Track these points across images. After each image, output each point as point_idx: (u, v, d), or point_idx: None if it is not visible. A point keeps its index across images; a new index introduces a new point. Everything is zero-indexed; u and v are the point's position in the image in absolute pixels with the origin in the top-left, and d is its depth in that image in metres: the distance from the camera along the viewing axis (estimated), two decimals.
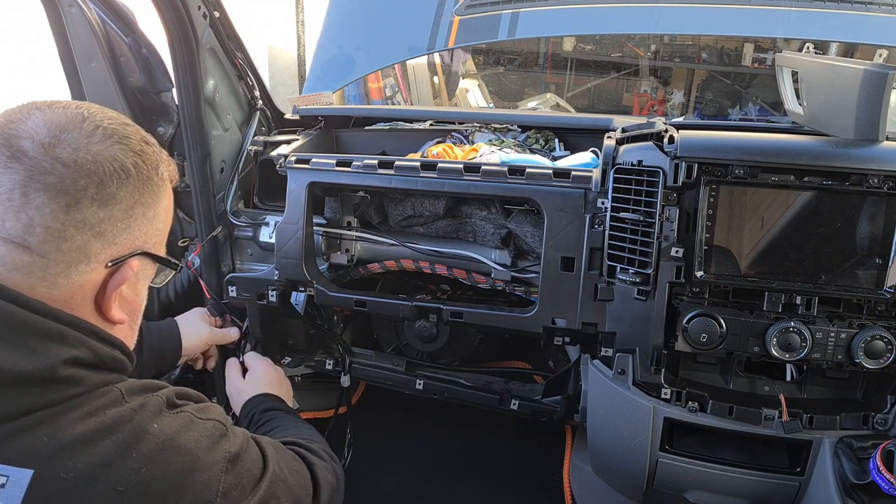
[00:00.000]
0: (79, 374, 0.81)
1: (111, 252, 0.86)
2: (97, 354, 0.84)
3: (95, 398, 0.82)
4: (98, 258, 0.84)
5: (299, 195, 1.72)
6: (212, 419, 0.91)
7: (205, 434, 0.88)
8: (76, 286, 0.84)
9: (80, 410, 0.79)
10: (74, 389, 0.80)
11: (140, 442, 0.81)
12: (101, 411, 0.81)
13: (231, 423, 0.96)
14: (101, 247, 0.84)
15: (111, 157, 0.83)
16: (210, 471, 0.85)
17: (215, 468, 0.86)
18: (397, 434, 2.39)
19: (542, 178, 1.56)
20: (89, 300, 0.87)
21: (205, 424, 0.89)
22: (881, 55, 2.80)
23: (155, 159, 0.90)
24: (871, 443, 1.33)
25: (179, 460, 0.83)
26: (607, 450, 1.59)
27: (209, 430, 0.89)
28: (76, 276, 0.83)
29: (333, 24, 2.86)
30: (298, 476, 1.07)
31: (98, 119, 0.85)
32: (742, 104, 4.93)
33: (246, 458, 0.93)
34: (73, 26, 1.67)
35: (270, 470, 0.96)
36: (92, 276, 0.85)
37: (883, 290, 1.31)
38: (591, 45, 5.22)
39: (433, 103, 4.32)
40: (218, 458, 0.87)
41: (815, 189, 1.31)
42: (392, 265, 1.82)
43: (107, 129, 0.85)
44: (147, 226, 0.90)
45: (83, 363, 0.82)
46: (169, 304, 1.98)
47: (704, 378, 1.52)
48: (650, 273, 1.40)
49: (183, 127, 1.71)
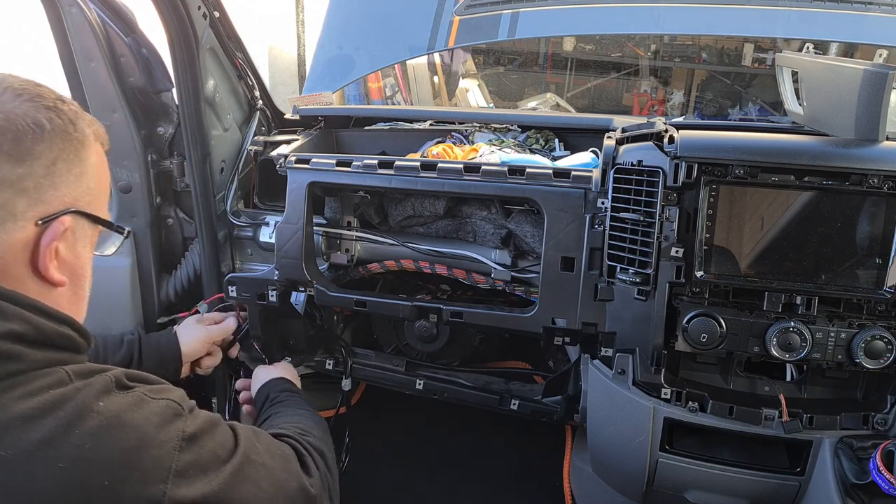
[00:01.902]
0: (16, 350, 0.80)
1: (40, 210, 0.86)
2: (39, 330, 0.83)
3: (38, 378, 0.80)
4: (25, 216, 0.85)
5: (299, 195, 1.72)
6: (165, 399, 0.89)
7: (155, 412, 0.86)
8: (6, 246, 0.84)
9: (20, 389, 0.78)
10: (14, 366, 0.79)
11: (84, 419, 0.79)
12: (43, 391, 0.79)
13: (192, 405, 0.93)
14: (26, 204, 0.84)
15: (23, 114, 0.84)
16: (161, 448, 0.83)
17: (166, 446, 0.84)
18: (397, 434, 2.38)
19: (542, 178, 1.56)
20: (23, 261, 0.86)
21: (157, 403, 0.87)
22: (881, 55, 2.80)
23: (72, 115, 0.90)
24: (871, 443, 1.33)
25: (126, 437, 0.81)
26: (607, 450, 1.59)
27: (160, 409, 0.87)
28: (4, 234, 0.83)
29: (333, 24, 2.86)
30: (283, 460, 1.05)
31: (8, 82, 0.87)
32: (742, 104, 4.94)
33: (208, 439, 0.90)
34: (73, 26, 1.67)
35: (240, 453, 0.94)
36: (21, 234, 0.85)
37: (883, 289, 1.31)
38: (591, 45, 5.23)
39: (433, 103, 4.32)
40: (171, 436, 0.85)
41: (816, 189, 1.31)
42: (392, 265, 1.82)
43: (17, 90, 0.86)
44: (75, 183, 0.90)
45: (23, 339, 0.81)
46: (169, 303, 1.98)
47: (704, 378, 1.52)
48: (650, 273, 1.40)
49: (183, 127, 1.71)
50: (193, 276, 1.92)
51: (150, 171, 1.84)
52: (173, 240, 1.96)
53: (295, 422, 1.29)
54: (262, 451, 1.00)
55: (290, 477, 1.04)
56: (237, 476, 0.91)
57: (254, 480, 0.94)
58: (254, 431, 1.03)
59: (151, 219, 1.88)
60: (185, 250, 1.96)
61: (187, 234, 1.95)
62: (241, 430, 0.99)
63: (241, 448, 0.95)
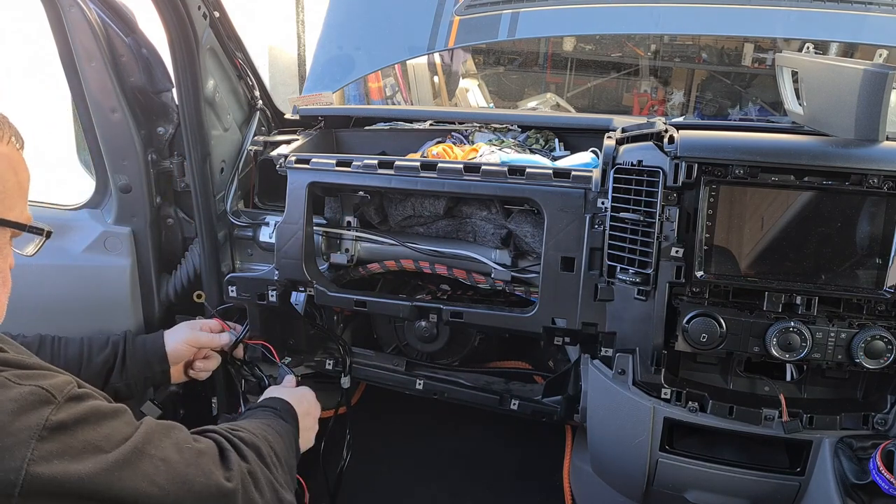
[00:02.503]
0: None
1: None
2: None
3: None
4: None
5: (299, 195, 1.72)
6: (31, 385, 0.84)
7: (13, 398, 0.82)
8: None
9: None
10: None
11: None
12: None
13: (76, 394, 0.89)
14: None
15: None
16: (14, 437, 0.80)
17: (22, 434, 0.80)
18: (397, 434, 2.38)
19: (542, 178, 1.56)
20: None
21: (19, 389, 0.83)
22: (881, 55, 2.80)
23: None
24: (871, 443, 1.33)
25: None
26: (607, 450, 1.59)
27: (21, 395, 0.82)
28: None
29: (333, 24, 2.86)
30: (195, 455, 1.00)
31: None
32: (742, 104, 4.94)
33: (84, 429, 0.86)
34: (73, 26, 1.67)
35: (130, 445, 0.90)
36: None
37: (883, 290, 1.31)
38: (591, 45, 5.23)
39: (433, 103, 4.32)
40: (30, 424, 0.81)
41: (815, 189, 1.31)
42: (392, 265, 1.82)
43: None
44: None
45: None
46: (169, 304, 1.98)
47: (704, 378, 1.52)
48: (650, 273, 1.40)
49: (183, 127, 1.71)
50: (193, 277, 1.92)
51: (150, 170, 1.83)
52: (173, 240, 1.95)
53: (239, 424, 1.22)
54: (167, 445, 0.96)
55: (199, 472, 0.99)
56: (121, 467, 0.87)
57: (146, 474, 0.90)
58: (166, 428, 0.99)
59: (151, 219, 1.88)
60: (185, 250, 1.96)
61: (187, 234, 1.95)
62: (146, 426, 0.95)
63: (134, 440, 0.91)
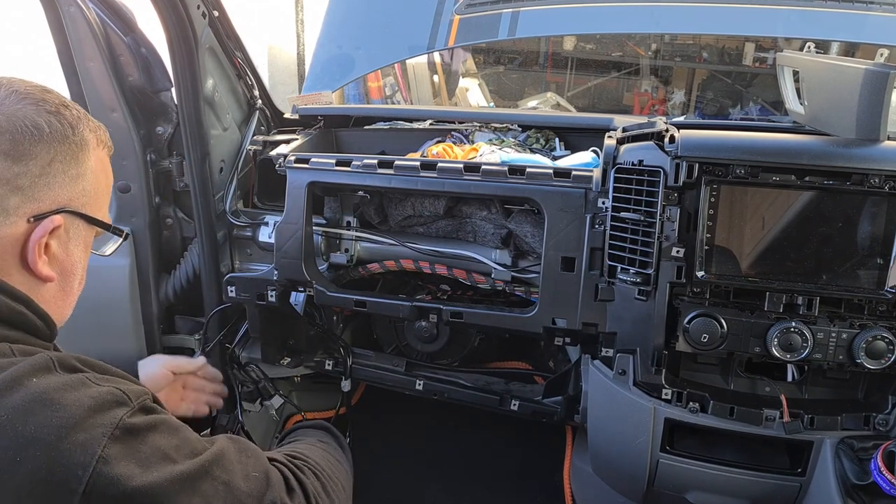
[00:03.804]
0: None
1: (32, 207, 0.89)
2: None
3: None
4: (18, 212, 0.87)
5: (299, 195, 1.72)
6: (109, 386, 0.83)
7: (91, 396, 0.81)
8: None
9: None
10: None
11: (10, 392, 0.77)
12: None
13: (149, 406, 0.87)
14: (19, 201, 0.87)
15: (24, 116, 0.88)
16: (87, 432, 0.78)
17: (95, 430, 0.78)
18: (397, 434, 2.38)
19: (543, 177, 1.56)
20: (12, 254, 0.88)
21: (97, 388, 0.82)
22: (882, 55, 2.79)
23: (73, 120, 0.93)
24: (872, 443, 1.33)
25: (50, 414, 0.77)
26: (608, 450, 1.59)
27: (100, 394, 0.82)
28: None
29: (333, 24, 2.86)
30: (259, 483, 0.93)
31: (15, 85, 0.90)
32: (743, 104, 4.93)
33: (156, 437, 0.83)
34: (71, 26, 1.67)
35: (200, 462, 0.85)
36: (12, 229, 0.87)
37: (884, 290, 1.31)
38: (591, 45, 5.22)
39: (433, 103, 4.31)
40: (104, 422, 0.79)
41: (817, 189, 1.31)
42: (392, 265, 1.82)
43: (21, 93, 0.89)
44: (71, 184, 0.92)
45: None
46: (168, 304, 1.98)
47: (705, 378, 1.51)
48: (651, 273, 1.40)
49: (182, 126, 1.71)
50: (192, 277, 1.92)
51: (149, 170, 1.83)
52: (172, 240, 1.95)
53: (303, 453, 1.15)
54: (236, 471, 0.90)
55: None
56: (184, 483, 0.83)
57: (204, 495, 0.85)
58: (240, 451, 0.94)
59: (150, 219, 1.87)
60: (184, 250, 1.96)
61: (186, 233, 1.95)
62: (220, 445, 0.91)
63: (205, 457, 0.87)
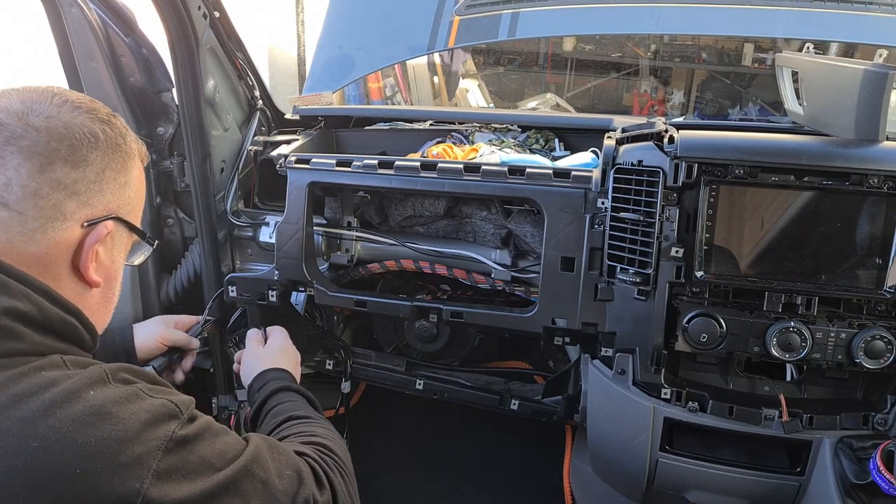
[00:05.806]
0: (18, 329, 0.81)
1: (86, 212, 0.91)
2: (43, 312, 0.84)
3: (34, 360, 0.81)
4: (74, 217, 0.89)
5: (299, 195, 1.72)
6: (162, 398, 0.87)
7: (146, 409, 0.84)
8: (52, 242, 0.88)
9: (15, 370, 0.78)
10: (13, 344, 0.80)
11: (68, 404, 0.78)
12: (36, 372, 0.79)
13: (193, 414, 0.90)
14: (76, 206, 0.89)
15: (80, 124, 0.91)
16: (144, 445, 0.81)
17: (151, 443, 0.81)
18: (397, 434, 2.38)
19: (542, 178, 1.56)
20: (65, 259, 0.90)
21: (151, 401, 0.85)
22: (881, 55, 2.79)
23: (122, 130, 0.98)
24: (871, 443, 1.33)
25: (108, 427, 0.79)
26: (607, 450, 1.59)
27: (154, 407, 0.85)
28: (52, 232, 0.88)
29: (333, 24, 2.86)
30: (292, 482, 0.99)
31: (67, 95, 0.93)
32: (742, 104, 4.92)
33: (202, 446, 0.87)
34: (73, 26, 1.67)
35: (240, 464, 0.90)
36: (68, 234, 0.89)
37: (883, 290, 1.31)
38: (591, 45, 5.22)
39: (433, 103, 4.31)
40: (158, 436, 0.83)
41: (816, 189, 1.31)
42: (392, 265, 1.82)
43: (74, 103, 0.92)
44: (119, 191, 0.96)
45: (25, 318, 0.82)
46: (169, 304, 1.98)
47: (704, 378, 1.52)
48: (650, 273, 1.40)
49: (183, 127, 1.72)
50: (193, 277, 1.93)
51: (150, 171, 1.84)
52: (173, 240, 1.96)
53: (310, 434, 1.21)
54: (271, 468, 0.96)
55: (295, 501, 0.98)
56: (228, 487, 0.88)
57: (244, 495, 0.90)
58: (271, 447, 1.00)
59: (151, 219, 1.88)
60: (185, 250, 1.96)
61: (187, 234, 1.96)
62: (255, 443, 0.97)
63: (244, 458, 0.92)
